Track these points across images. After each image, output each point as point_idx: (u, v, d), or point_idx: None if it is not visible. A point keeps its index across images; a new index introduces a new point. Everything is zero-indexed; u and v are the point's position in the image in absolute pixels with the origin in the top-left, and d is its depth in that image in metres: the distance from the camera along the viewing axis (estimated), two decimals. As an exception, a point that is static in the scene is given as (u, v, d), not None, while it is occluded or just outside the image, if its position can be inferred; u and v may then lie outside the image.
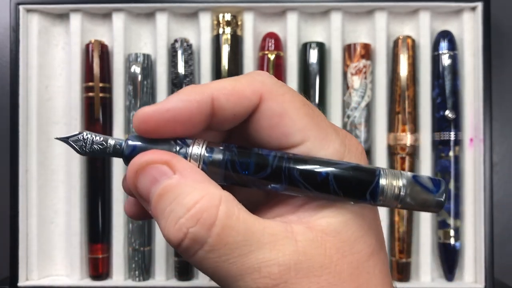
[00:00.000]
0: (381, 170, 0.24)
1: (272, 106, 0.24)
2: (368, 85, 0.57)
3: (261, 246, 0.22)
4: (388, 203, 0.24)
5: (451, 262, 0.56)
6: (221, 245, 0.22)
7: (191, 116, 0.24)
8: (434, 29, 0.58)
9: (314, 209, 0.24)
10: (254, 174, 0.24)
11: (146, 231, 0.56)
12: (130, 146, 0.25)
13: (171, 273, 0.58)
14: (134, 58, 0.57)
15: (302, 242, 0.23)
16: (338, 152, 0.25)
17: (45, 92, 0.58)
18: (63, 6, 0.57)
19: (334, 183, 0.23)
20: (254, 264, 0.22)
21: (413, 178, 0.24)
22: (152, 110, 0.24)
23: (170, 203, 0.23)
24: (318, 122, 0.25)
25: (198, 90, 0.24)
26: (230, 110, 0.24)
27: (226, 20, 0.57)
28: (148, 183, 0.23)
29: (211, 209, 0.22)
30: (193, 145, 0.24)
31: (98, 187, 0.57)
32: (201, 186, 0.23)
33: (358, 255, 0.24)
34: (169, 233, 0.22)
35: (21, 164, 0.55)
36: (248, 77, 0.25)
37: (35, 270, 0.56)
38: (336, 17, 0.57)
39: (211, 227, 0.22)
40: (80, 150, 0.25)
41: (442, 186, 0.24)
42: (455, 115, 0.56)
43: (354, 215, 0.24)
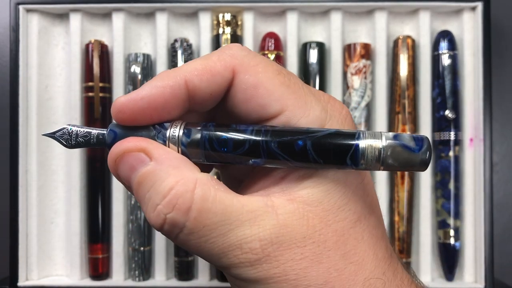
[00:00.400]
0: (361, 133, 0.23)
1: (245, 79, 0.24)
2: (368, 85, 0.57)
3: (240, 224, 0.23)
4: (370, 166, 0.23)
5: (451, 262, 0.56)
6: (199, 228, 0.22)
7: (166, 102, 0.24)
8: (434, 29, 0.58)
9: (296, 180, 0.24)
10: (233, 151, 0.24)
11: (146, 231, 0.56)
12: (110, 134, 0.25)
13: (171, 273, 0.58)
14: (134, 58, 0.57)
15: (283, 215, 0.23)
16: (319, 118, 0.24)
17: (45, 92, 0.58)
18: (63, 6, 0.57)
19: (313, 151, 0.23)
20: (235, 241, 0.23)
21: (394, 138, 0.23)
22: (126, 99, 0.24)
23: (148, 190, 0.23)
24: (295, 90, 0.25)
25: (170, 75, 0.24)
26: (205, 89, 0.24)
27: (226, 20, 0.57)
28: (127, 171, 0.24)
29: (186, 194, 0.22)
30: (170, 128, 0.25)
31: (98, 187, 0.57)
32: (175, 172, 0.23)
33: (343, 222, 0.24)
34: (150, 219, 0.23)
35: (21, 164, 0.55)
36: (218, 52, 0.25)
37: (35, 270, 0.56)
38: (336, 17, 0.57)
39: (187, 211, 0.22)
40: (66, 143, 0.26)
41: (425, 144, 0.23)
42: (455, 115, 0.56)
43: (336, 183, 0.24)
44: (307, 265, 0.23)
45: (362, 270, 0.24)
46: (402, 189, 0.56)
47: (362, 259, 0.24)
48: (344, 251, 0.24)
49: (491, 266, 0.54)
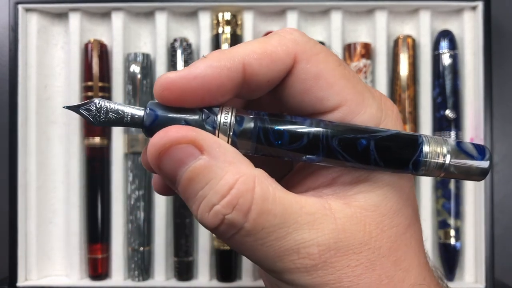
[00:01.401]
0: (424, 137, 0.22)
1: (307, 68, 0.22)
2: (369, 85, 0.57)
3: (299, 227, 0.21)
4: (431, 172, 0.22)
5: (452, 262, 0.56)
6: (258, 230, 0.21)
7: (221, 84, 0.22)
8: (434, 28, 0.58)
9: (350, 183, 0.23)
10: (289, 144, 0.22)
11: (145, 231, 0.56)
12: (150, 115, 0.22)
13: (170, 273, 0.58)
14: (133, 57, 0.56)
15: (341, 219, 0.22)
16: (375, 117, 0.23)
17: (44, 91, 0.58)
18: (62, 6, 0.56)
19: (376, 152, 0.22)
20: (293, 246, 0.21)
21: (457, 145, 0.22)
22: (178, 76, 0.22)
23: (202, 188, 0.21)
24: (354, 84, 0.23)
25: (227, 56, 0.22)
26: (263, 75, 0.22)
27: (225, 19, 0.56)
28: (173, 165, 0.22)
29: (246, 194, 0.21)
30: (221, 114, 0.22)
31: (97, 187, 0.57)
32: (233, 168, 0.21)
33: (397, 228, 0.23)
34: (203, 218, 0.21)
35: (20, 164, 0.55)
36: (278, 36, 0.23)
37: (34, 270, 0.56)
38: (336, 17, 0.57)
39: (247, 212, 0.21)
40: (93, 120, 0.23)
41: (487, 153, 0.23)
42: (456, 114, 0.56)
43: (392, 187, 0.23)
44: (362, 272, 0.22)
45: (409, 276, 0.23)
46: (402, 189, 0.56)
47: (409, 265, 0.23)
48: (395, 257, 0.23)
49: (491, 266, 0.54)
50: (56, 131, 0.58)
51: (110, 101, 0.23)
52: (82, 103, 0.23)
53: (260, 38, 0.23)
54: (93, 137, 0.56)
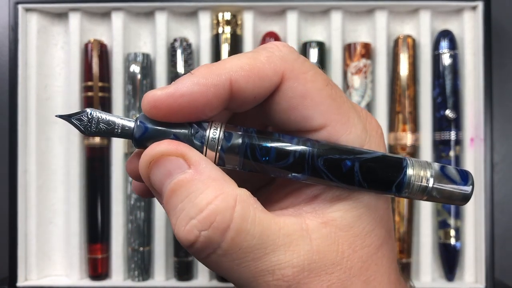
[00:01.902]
0: (408, 161, 0.23)
1: (294, 87, 0.23)
2: (369, 85, 0.57)
3: (275, 248, 0.21)
4: (413, 195, 0.23)
5: (452, 262, 0.56)
6: (235, 250, 0.21)
7: (208, 101, 0.22)
8: (434, 28, 0.58)
9: (329, 201, 0.23)
10: (276, 162, 0.22)
11: (145, 231, 0.56)
12: (140, 128, 0.23)
13: (170, 273, 0.58)
14: (133, 57, 0.56)
15: (317, 240, 0.22)
16: (359, 138, 0.23)
17: (44, 91, 0.58)
18: (62, 6, 0.56)
19: (360, 174, 0.22)
20: (268, 267, 0.21)
21: (441, 169, 0.23)
22: (164, 94, 0.22)
23: (182, 201, 0.21)
24: (340, 104, 0.23)
25: (214, 72, 0.22)
26: (250, 92, 0.22)
27: (225, 19, 0.56)
28: (161, 176, 0.22)
29: (225, 212, 0.21)
30: (209, 129, 0.23)
31: (97, 187, 0.57)
32: (215, 184, 0.21)
33: (368, 248, 0.23)
34: (179, 233, 0.21)
35: (20, 164, 0.55)
36: (267, 53, 0.23)
37: (34, 270, 0.56)
38: (336, 16, 0.57)
39: (225, 231, 0.21)
40: (84, 129, 0.23)
41: (470, 179, 0.23)
42: (456, 114, 0.56)
43: (367, 208, 0.24)
44: None
45: None
46: (402, 189, 0.56)
47: (379, 284, 0.24)
48: (366, 276, 0.23)
49: (491, 266, 0.54)
50: (56, 131, 0.58)
51: (102, 112, 0.23)
52: (74, 112, 0.23)
53: (248, 53, 0.23)
54: (93, 137, 0.56)
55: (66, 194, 0.58)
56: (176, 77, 0.56)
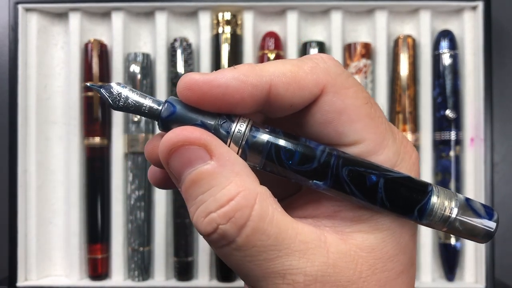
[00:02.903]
0: (434, 187, 0.22)
1: (333, 101, 0.22)
2: (369, 85, 0.57)
3: (290, 252, 0.21)
4: (434, 224, 0.22)
5: (452, 262, 0.56)
6: (248, 247, 0.21)
7: (243, 99, 0.22)
8: (434, 28, 0.58)
9: (350, 220, 0.23)
10: (299, 165, 0.22)
11: (145, 231, 0.56)
12: (168, 109, 0.22)
13: (170, 273, 0.57)
14: (133, 57, 0.56)
15: (334, 254, 0.22)
16: (390, 160, 0.23)
17: (44, 91, 0.58)
18: (62, 5, 0.56)
19: (383, 191, 0.22)
20: (280, 269, 0.21)
21: (466, 201, 0.22)
22: (202, 79, 0.21)
23: (203, 192, 0.21)
24: (377, 124, 0.23)
25: (256, 73, 0.22)
26: (288, 100, 0.22)
27: (225, 19, 0.56)
28: (181, 164, 0.22)
29: (244, 209, 0.21)
30: (237, 122, 0.22)
31: (97, 187, 0.57)
32: (238, 179, 0.21)
33: (389, 273, 0.23)
34: (197, 223, 0.21)
35: (20, 164, 0.55)
36: (311, 63, 0.23)
37: (34, 270, 0.56)
38: (336, 16, 0.57)
39: (242, 227, 0.21)
40: (112, 103, 0.23)
41: (495, 216, 0.22)
42: (456, 114, 0.56)
43: (391, 232, 0.23)
44: None
45: None
46: (402, 189, 0.56)
47: None
48: None
49: (491, 266, 0.54)
50: (56, 131, 0.58)
51: (131, 89, 0.23)
52: (103, 84, 0.23)
53: (294, 60, 0.23)
54: (93, 137, 0.56)
55: (66, 194, 0.58)
56: (176, 77, 0.56)
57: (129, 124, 0.56)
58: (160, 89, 0.57)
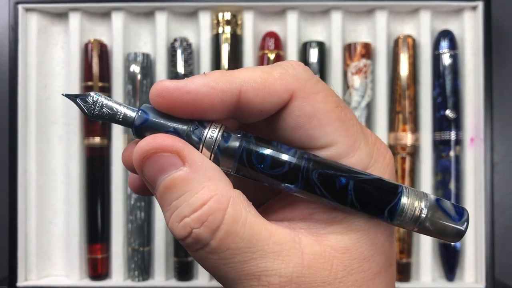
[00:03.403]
0: (404, 188, 0.22)
1: (302, 106, 0.23)
2: (369, 85, 0.57)
3: (264, 254, 0.21)
4: (405, 224, 0.22)
5: (452, 262, 0.56)
6: (222, 249, 0.21)
7: (213, 104, 0.22)
8: (434, 28, 0.58)
9: (325, 221, 0.23)
10: (270, 169, 0.22)
11: (145, 231, 0.56)
12: (141, 116, 0.23)
13: (170, 273, 0.57)
14: (133, 57, 0.56)
15: (309, 255, 0.22)
16: (362, 162, 0.23)
17: (44, 91, 0.58)
18: (62, 5, 0.56)
19: (353, 193, 0.22)
20: (254, 271, 0.22)
21: (436, 201, 0.22)
22: (173, 86, 0.22)
23: (177, 198, 0.22)
24: (348, 127, 0.23)
25: (226, 79, 0.22)
26: (257, 105, 0.23)
27: (225, 19, 0.56)
28: (154, 171, 0.22)
29: (217, 213, 0.21)
30: (209, 128, 0.23)
31: (97, 187, 0.57)
32: (210, 184, 0.21)
33: (365, 273, 0.23)
34: (172, 227, 0.22)
35: (20, 164, 0.55)
36: (281, 69, 0.23)
37: (34, 270, 0.56)
38: (337, 16, 0.57)
39: (215, 231, 0.21)
40: (87, 111, 0.23)
41: (465, 215, 0.23)
42: (456, 114, 0.56)
43: (366, 233, 0.23)
44: None
45: None
46: (402, 189, 0.56)
47: None
48: None
49: (491, 266, 0.54)
50: (56, 131, 0.58)
51: (106, 97, 0.24)
52: (79, 93, 0.24)
53: (263, 67, 0.23)
54: (93, 137, 0.56)
55: (66, 194, 0.58)
56: (176, 77, 0.56)
57: (129, 124, 0.56)
58: (160, 89, 0.56)
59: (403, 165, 0.56)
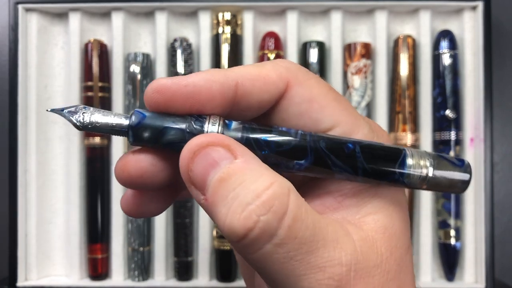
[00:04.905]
0: (407, 150, 0.23)
1: (300, 92, 0.23)
2: (369, 85, 0.57)
3: (326, 243, 0.21)
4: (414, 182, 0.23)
5: (452, 262, 0.56)
6: (291, 239, 0.20)
7: (212, 96, 0.22)
8: (434, 28, 0.58)
9: (355, 206, 0.23)
10: (277, 147, 0.22)
11: (145, 231, 0.56)
12: (138, 116, 0.22)
13: (170, 273, 0.58)
14: (133, 57, 0.56)
15: (359, 242, 0.22)
16: (366, 137, 0.24)
17: (44, 91, 0.58)
18: (62, 6, 0.56)
19: (361, 155, 0.22)
20: (320, 263, 0.20)
21: (439, 158, 0.23)
22: (170, 81, 0.22)
23: (235, 189, 0.20)
24: (346, 106, 0.24)
25: (221, 73, 0.22)
26: (255, 96, 0.23)
27: (225, 19, 0.56)
28: (206, 166, 0.21)
29: (282, 197, 0.20)
30: (208, 122, 0.22)
31: (97, 187, 0.57)
32: (268, 172, 0.21)
33: (401, 249, 0.23)
34: (233, 222, 0.20)
35: (20, 164, 0.55)
36: (272, 63, 0.24)
37: (34, 270, 0.56)
38: (336, 16, 0.57)
39: (283, 217, 0.20)
40: (77, 123, 0.22)
41: (467, 166, 0.24)
42: (456, 114, 0.56)
43: (394, 208, 0.23)
44: None
45: None
46: (402, 189, 0.56)
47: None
48: (399, 281, 0.23)
49: (491, 266, 0.54)
50: (56, 131, 0.58)
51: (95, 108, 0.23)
52: (67, 106, 0.23)
53: (255, 63, 0.24)
54: (93, 137, 0.56)
55: (66, 194, 0.58)
56: (176, 77, 0.56)
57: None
58: (160, 89, 0.57)
59: (403, 165, 0.56)
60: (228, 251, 0.55)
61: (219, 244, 0.56)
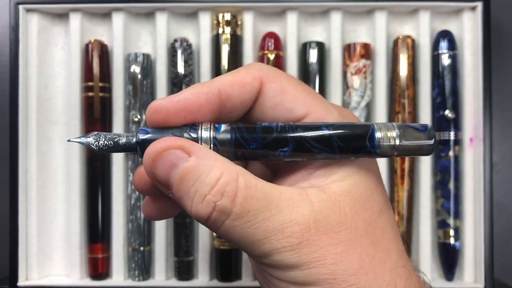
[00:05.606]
0: (374, 124, 0.26)
1: (273, 87, 0.27)
2: (368, 85, 0.57)
3: (280, 209, 0.24)
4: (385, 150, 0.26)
5: (451, 262, 0.56)
6: (245, 213, 0.24)
7: (200, 105, 0.26)
8: (434, 28, 0.58)
9: (323, 175, 0.27)
10: (262, 140, 0.26)
11: (145, 230, 0.56)
12: (143, 133, 0.26)
13: (171, 273, 0.58)
14: (133, 57, 0.57)
15: (318, 203, 0.25)
16: (337, 120, 0.27)
17: (44, 91, 0.58)
18: (62, 6, 0.57)
19: (336, 136, 0.26)
20: (277, 226, 0.24)
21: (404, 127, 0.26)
22: (165, 101, 0.26)
23: (193, 184, 0.25)
24: (315, 96, 0.28)
25: (205, 85, 0.27)
26: (237, 98, 0.27)
27: (226, 19, 0.56)
28: (166, 168, 0.25)
29: (232, 183, 0.24)
30: (201, 128, 0.26)
31: (97, 186, 0.57)
32: (218, 164, 0.25)
33: (370, 211, 0.26)
34: (197, 210, 0.25)
35: (20, 164, 0.55)
36: (245, 67, 0.28)
37: (34, 270, 0.56)
38: (336, 17, 0.57)
39: (234, 198, 0.24)
40: (95, 148, 0.27)
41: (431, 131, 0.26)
42: (455, 114, 0.56)
43: (360, 176, 0.27)
44: (343, 249, 0.25)
45: (389, 259, 0.26)
46: (402, 189, 0.56)
47: (388, 248, 0.26)
48: (373, 238, 0.26)
49: (491, 266, 0.54)
50: (56, 131, 0.58)
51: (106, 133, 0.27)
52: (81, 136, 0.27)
53: (231, 71, 0.28)
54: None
55: (66, 194, 0.58)
56: (177, 77, 0.56)
57: (130, 124, 0.56)
58: (161, 90, 0.57)
59: (402, 165, 0.57)
60: (228, 250, 0.56)
61: (219, 243, 0.56)
